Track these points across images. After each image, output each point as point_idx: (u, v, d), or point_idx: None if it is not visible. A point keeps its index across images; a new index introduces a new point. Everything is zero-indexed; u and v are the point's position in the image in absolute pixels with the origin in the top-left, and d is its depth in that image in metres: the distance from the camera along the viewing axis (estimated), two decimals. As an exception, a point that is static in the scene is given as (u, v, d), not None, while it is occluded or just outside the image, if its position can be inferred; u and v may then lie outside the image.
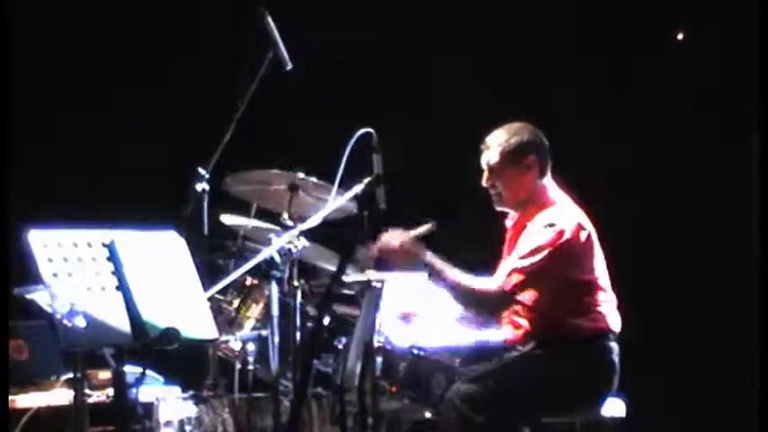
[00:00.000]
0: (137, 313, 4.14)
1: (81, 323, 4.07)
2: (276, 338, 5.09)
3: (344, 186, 4.82)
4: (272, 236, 5.39)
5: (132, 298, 4.15)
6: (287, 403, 5.15)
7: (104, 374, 5.59)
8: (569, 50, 7.27)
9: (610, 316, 5.01)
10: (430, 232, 4.97)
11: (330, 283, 5.10)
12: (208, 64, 7.16)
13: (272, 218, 5.65)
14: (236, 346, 5.46)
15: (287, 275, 5.29)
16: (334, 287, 5.03)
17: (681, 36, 7.34)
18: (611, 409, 5.06)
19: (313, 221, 5.01)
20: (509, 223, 5.18)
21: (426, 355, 5.07)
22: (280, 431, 5.04)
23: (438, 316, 5.18)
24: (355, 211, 4.64)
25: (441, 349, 5.09)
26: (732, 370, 6.85)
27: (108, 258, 4.17)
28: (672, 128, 7.18)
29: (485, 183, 5.11)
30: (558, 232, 4.91)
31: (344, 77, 7.23)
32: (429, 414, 5.14)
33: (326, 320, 5.42)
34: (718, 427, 6.91)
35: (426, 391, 5.04)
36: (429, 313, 5.19)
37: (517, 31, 7.30)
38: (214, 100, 5.81)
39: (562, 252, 4.91)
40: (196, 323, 4.28)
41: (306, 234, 5.21)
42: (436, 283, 4.94)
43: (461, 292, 4.93)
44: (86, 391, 5.31)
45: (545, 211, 5.00)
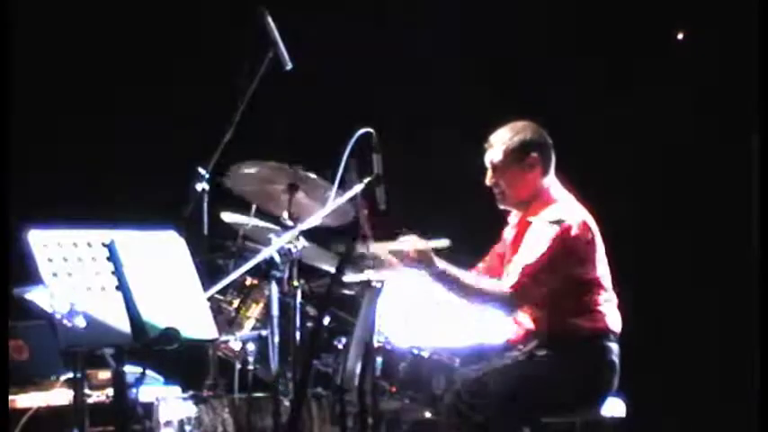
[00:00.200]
0: (137, 313, 4.14)
1: (81, 323, 4.07)
2: (276, 338, 5.08)
3: (344, 186, 4.82)
4: (272, 236, 5.39)
5: (132, 298, 4.15)
6: (287, 403, 5.15)
7: (104, 374, 5.59)
8: (569, 50, 7.27)
9: (611, 316, 5.01)
10: (444, 249, 4.96)
11: (330, 283, 5.10)
12: (208, 64, 7.16)
13: (272, 219, 5.65)
14: (236, 346, 5.46)
15: (287, 275, 5.29)
16: (334, 287, 5.04)
17: (681, 36, 7.34)
18: (611, 409, 5.06)
19: (313, 221, 5.01)
20: (513, 221, 5.18)
21: (426, 355, 5.07)
22: (280, 431, 5.04)
23: (438, 316, 5.18)
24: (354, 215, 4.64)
25: (441, 349, 5.09)
26: (732, 370, 6.84)
27: (108, 258, 4.17)
28: (672, 128, 7.18)
29: (488, 181, 5.10)
30: (564, 229, 4.90)
31: (344, 77, 7.22)
32: (429, 414, 5.14)
33: (326, 320, 5.42)
34: (718, 427, 6.91)
35: (426, 391, 5.04)
36: (430, 312, 5.19)
37: (517, 31, 7.29)
38: (214, 100, 5.80)
39: (566, 248, 4.91)
40: (196, 323, 4.28)
41: (306, 234, 5.21)
42: (449, 289, 4.93)
43: (474, 296, 4.93)
44: (86, 391, 5.31)
45: (549, 208, 5.00)
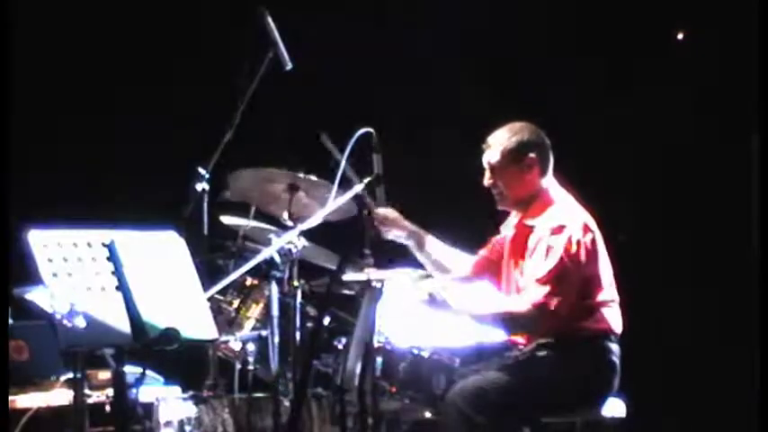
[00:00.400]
0: (137, 313, 4.14)
1: (81, 323, 4.07)
2: (276, 338, 5.08)
3: (344, 186, 4.82)
4: (272, 236, 5.39)
5: (132, 298, 4.15)
6: (287, 403, 5.15)
7: (104, 374, 5.59)
8: (569, 50, 7.27)
9: (612, 317, 5.00)
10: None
11: (330, 283, 5.10)
12: (208, 64, 7.16)
13: (272, 220, 5.65)
14: (236, 346, 5.46)
15: (287, 275, 5.29)
16: (334, 287, 5.04)
17: (681, 36, 7.34)
18: (611, 409, 5.06)
19: (313, 221, 5.01)
20: (512, 222, 5.18)
21: (426, 355, 5.07)
22: (280, 431, 5.04)
23: (438, 316, 5.18)
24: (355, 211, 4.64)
25: (441, 349, 5.09)
26: (732, 370, 6.84)
27: (108, 258, 4.17)
28: (672, 128, 7.18)
29: (486, 182, 5.10)
30: (569, 234, 4.89)
31: (344, 77, 7.22)
32: (429, 414, 5.14)
33: (326, 320, 5.42)
34: (718, 427, 6.91)
35: (426, 391, 5.04)
36: (430, 312, 5.19)
37: (517, 31, 7.30)
38: (214, 100, 5.81)
39: (574, 253, 4.88)
40: (196, 323, 4.28)
41: (306, 234, 5.21)
42: (471, 318, 4.94)
43: (498, 321, 4.93)
44: (86, 391, 5.31)
45: (548, 211, 4.99)
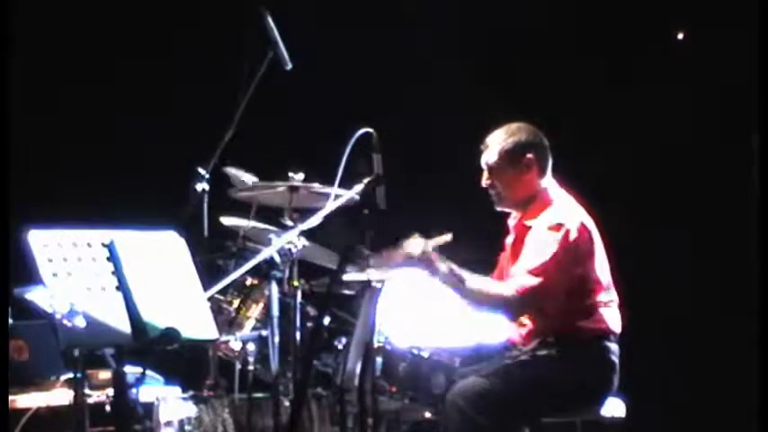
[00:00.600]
0: (137, 313, 4.14)
1: (81, 323, 4.07)
2: (276, 338, 5.08)
3: (344, 186, 4.81)
4: (272, 236, 5.39)
5: (132, 298, 4.14)
6: (287, 403, 5.15)
7: (104, 374, 5.58)
8: (569, 50, 7.27)
9: (611, 317, 5.01)
10: (446, 243, 4.97)
11: (330, 283, 5.09)
12: (208, 64, 7.16)
13: (274, 213, 5.65)
14: (236, 346, 5.46)
15: (287, 275, 5.29)
16: (334, 287, 5.03)
17: (681, 36, 7.34)
18: (611, 409, 5.06)
19: (313, 221, 5.01)
20: (511, 223, 5.18)
21: (426, 355, 5.07)
22: (280, 431, 5.04)
23: (438, 316, 5.18)
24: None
25: (441, 349, 5.09)
26: (732, 370, 6.84)
27: (108, 258, 4.17)
28: (672, 128, 7.18)
29: (484, 183, 5.11)
30: (565, 232, 4.90)
31: (344, 77, 7.22)
32: (429, 414, 5.14)
33: (326, 320, 5.42)
34: (718, 427, 6.91)
35: (426, 391, 5.04)
36: (430, 312, 5.19)
37: (517, 31, 7.29)
38: (214, 100, 5.80)
39: (569, 252, 4.90)
40: (196, 323, 4.28)
41: (305, 234, 5.21)
42: (455, 291, 4.93)
43: (478, 300, 4.93)
44: (86, 391, 5.30)
45: (547, 211, 5.00)
